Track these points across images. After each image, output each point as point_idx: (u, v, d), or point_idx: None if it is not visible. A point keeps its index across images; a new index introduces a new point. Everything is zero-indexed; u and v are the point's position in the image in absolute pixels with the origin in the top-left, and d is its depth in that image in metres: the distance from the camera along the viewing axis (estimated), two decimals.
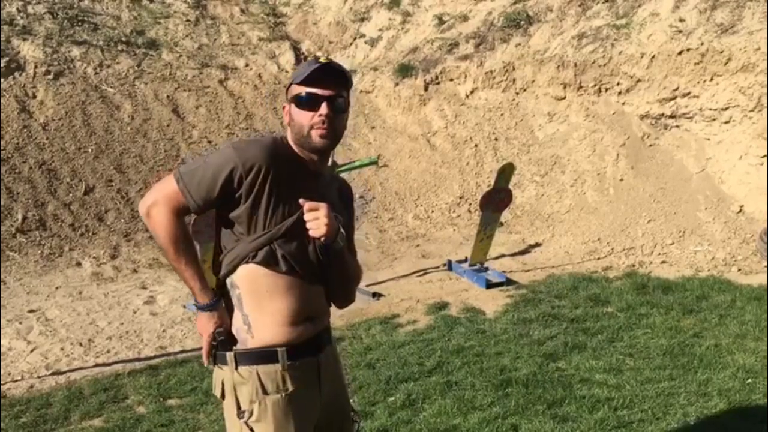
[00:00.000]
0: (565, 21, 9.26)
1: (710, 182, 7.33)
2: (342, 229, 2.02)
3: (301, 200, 1.95)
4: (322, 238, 1.95)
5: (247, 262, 1.98)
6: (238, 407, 2.00)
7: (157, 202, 1.95)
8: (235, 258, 1.98)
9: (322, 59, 1.98)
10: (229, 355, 2.02)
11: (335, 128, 1.98)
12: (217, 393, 2.07)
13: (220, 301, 2.03)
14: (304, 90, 1.95)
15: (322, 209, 1.94)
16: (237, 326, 2.03)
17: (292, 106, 1.99)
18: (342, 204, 2.17)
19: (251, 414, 1.99)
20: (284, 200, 1.96)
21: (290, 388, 2.01)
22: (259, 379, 1.99)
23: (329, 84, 1.95)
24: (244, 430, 1.99)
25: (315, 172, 2.04)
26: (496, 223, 6.43)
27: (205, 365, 2.11)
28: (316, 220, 1.94)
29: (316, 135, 1.96)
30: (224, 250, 2.02)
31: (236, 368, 2.01)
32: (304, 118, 1.96)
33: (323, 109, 1.94)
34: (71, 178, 7.81)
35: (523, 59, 9.12)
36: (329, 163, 2.15)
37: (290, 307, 2.00)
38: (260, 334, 2.01)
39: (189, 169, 1.96)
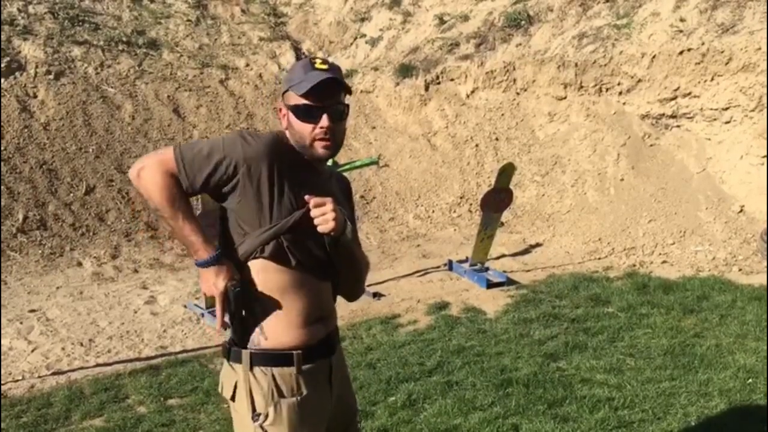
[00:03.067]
0: (565, 21, 9.25)
1: (711, 182, 7.33)
2: (348, 222, 2.02)
3: (306, 196, 1.94)
4: (332, 233, 1.94)
5: (255, 257, 1.96)
6: (253, 409, 1.97)
7: (149, 164, 1.91)
8: (243, 254, 1.96)
9: (318, 64, 1.95)
10: (245, 353, 1.98)
11: (336, 137, 1.98)
12: (227, 394, 2.03)
13: (223, 255, 1.96)
14: (303, 101, 1.93)
15: (329, 204, 1.93)
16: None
17: (291, 114, 1.97)
18: (342, 196, 2.17)
19: (266, 417, 1.97)
20: (289, 194, 1.95)
21: (304, 391, 2.00)
22: (275, 381, 1.98)
23: (328, 94, 1.93)
24: None
25: (315, 168, 2.05)
26: (496, 223, 6.42)
27: (221, 330, 1.98)
28: (324, 215, 1.92)
29: (319, 147, 1.96)
30: (232, 246, 1.99)
31: (251, 369, 1.98)
32: (304, 129, 1.95)
33: (324, 121, 1.93)
34: (72, 178, 7.81)
35: (524, 59, 9.12)
36: (330, 162, 2.16)
37: (302, 307, 1.99)
38: (274, 336, 1.98)
39: (189, 144, 1.95)
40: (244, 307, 1.96)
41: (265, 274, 1.97)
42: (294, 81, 1.95)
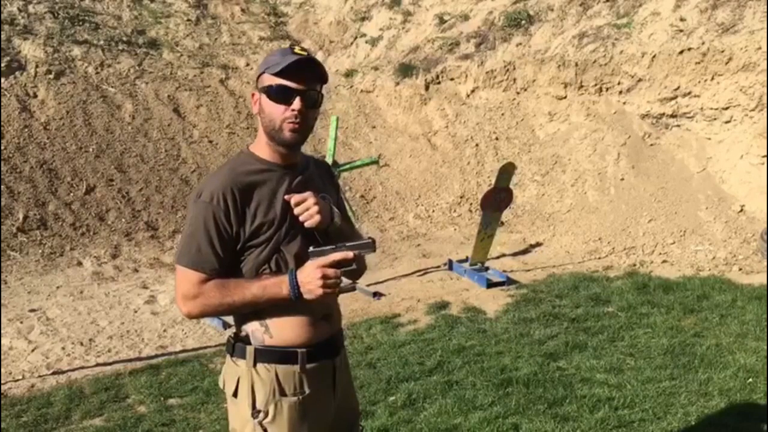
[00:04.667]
0: (565, 20, 9.25)
1: (711, 182, 7.33)
2: (335, 207, 2.01)
3: (285, 197, 1.94)
4: (320, 225, 1.94)
5: (261, 274, 1.96)
6: (254, 406, 1.97)
7: (183, 296, 1.94)
8: (247, 272, 1.96)
9: (297, 50, 1.93)
10: (249, 349, 1.98)
11: (307, 123, 1.95)
12: (229, 390, 2.02)
13: (292, 270, 1.95)
14: (276, 81, 1.90)
15: (309, 198, 1.93)
16: (253, 328, 2.00)
17: (263, 96, 1.94)
18: (325, 180, 2.15)
19: (266, 414, 1.96)
20: (272, 206, 1.95)
21: (307, 390, 2.00)
22: (278, 379, 1.97)
23: (303, 77, 1.91)
24: (258, 430, 1.97)
25: (288, 166, 2.01)
26: (496, 223, 6.42)
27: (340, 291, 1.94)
28: (307, 210, 1.92)
29: (287, 129, 1.93)
30: (237, 266, 1.98)
31: (254, 365, 1.97)
32: (276, 110, 1.92)
33: (296, 103, 1.90)
34: (72, 177, 7.81)
35: (524, 59, 9.12)
36: (330, 163, 2.14)
37: (307, 306, 1.97)
38: (279, 334, 1.98)
39: (183, 248, 1.94)
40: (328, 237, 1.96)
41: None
42: (270, 63, 1.94)
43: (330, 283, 1.88)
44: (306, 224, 1.94)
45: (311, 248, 1.92)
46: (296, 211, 1.93)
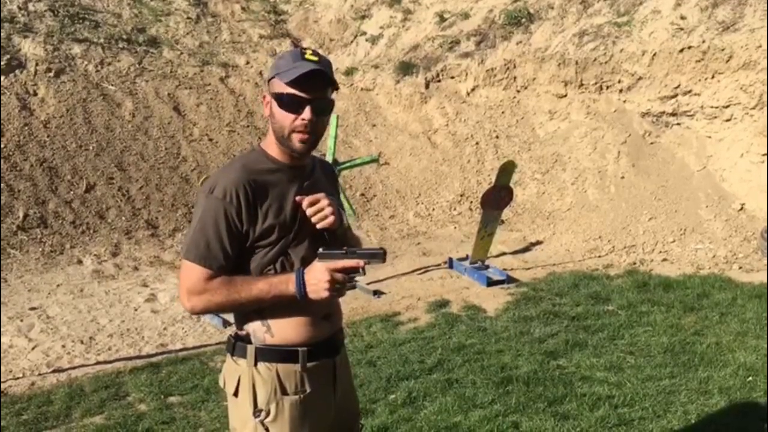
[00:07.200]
0: (566, 19, 9.24)
1: (711, 180, 7.33)
2: (341, 210, 2.02)
3: (297, 198, 1.94)
4: (332, 227, 1.94)
5: (265, 274, 1.96)
6: (255, 405, 1.97)
7: (182, 296, 1.93)
8: (252, 271, 1.96)
9: (308, 54, 1.91)
10: (250, 349, 1.97)
11: (316, 131, 1.94)
12: (230, 389, 2.02)
13: (299, 268, 1.95)
14: (287, 90, 1.89)
15: (322, 200, 1.93)
16: (254, 327, 1.99)
17: (274, 102, 1.93)
18: (329, 182, 2.16)
19: (268, 413, 1.96)
20: (280, 208, 1.95)
21: (308, 389, 2.00)
22: (279, 378, 1.97)
23: (315, 86, 1.90)
24: (259, 429, 1.97)
25: (297, 167, 2.01)
26: (497, 221, 6.42)
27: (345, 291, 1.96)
28: (320, 212, 1.92)
29: (296, 139, 1.92)
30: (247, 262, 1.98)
31: (255, 364, 1.97)
32: (285, 119, 1.91)
33: (306, 113, 1.89)
34: (72, 175, 7.81)
35: (524, 57, 9.11)
36: (330, 161, 2.14)
37: (309, 306, 1.96)
38: (280, 333, 1.98)
39: (191, 243, 1.93)
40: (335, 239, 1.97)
41: None
42: (281, 68, 1.91)
43: (337, 287, 1.89)
44: (319, 225, 1.93)
45: (321, 249, 1.91)
46: (309, 212, 1.93)
